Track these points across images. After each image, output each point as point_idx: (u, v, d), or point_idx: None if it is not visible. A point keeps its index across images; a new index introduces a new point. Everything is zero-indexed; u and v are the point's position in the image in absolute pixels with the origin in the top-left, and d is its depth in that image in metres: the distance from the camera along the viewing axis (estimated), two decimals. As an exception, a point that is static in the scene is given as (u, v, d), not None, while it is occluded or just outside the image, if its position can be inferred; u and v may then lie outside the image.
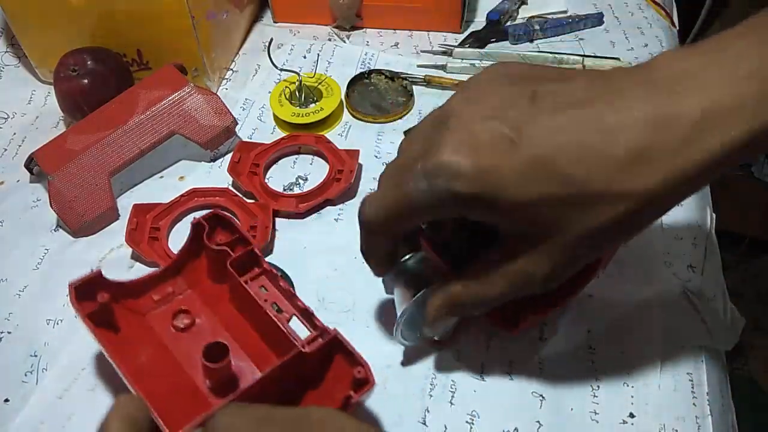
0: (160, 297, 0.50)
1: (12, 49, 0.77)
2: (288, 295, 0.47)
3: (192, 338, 0.48)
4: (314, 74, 0.70)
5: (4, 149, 0.68)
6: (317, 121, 0.66)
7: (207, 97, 0.63)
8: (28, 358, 0.52)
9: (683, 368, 0.49)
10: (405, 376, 0.49)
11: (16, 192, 0.64)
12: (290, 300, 0.47)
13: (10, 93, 0.74)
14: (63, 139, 0.62)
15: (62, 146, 0.61)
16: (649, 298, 0.53)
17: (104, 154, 0.60)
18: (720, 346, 0.52)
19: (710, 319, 0.52)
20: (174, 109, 0.62)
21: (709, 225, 0.60)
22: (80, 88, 0.64)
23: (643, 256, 0.55)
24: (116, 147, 0.61)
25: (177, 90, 0.63)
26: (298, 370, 0.43)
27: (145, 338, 0.48)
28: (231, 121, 0.64)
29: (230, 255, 0.48)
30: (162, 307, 0.49)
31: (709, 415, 0.47)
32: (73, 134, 0.62)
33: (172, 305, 0.49)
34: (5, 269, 0.57)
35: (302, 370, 0.43)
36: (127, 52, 0.70)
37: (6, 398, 0.49)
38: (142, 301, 0.49)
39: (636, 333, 0.51)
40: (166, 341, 0.48)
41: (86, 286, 0.46)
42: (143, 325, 0.48)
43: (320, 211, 0.60)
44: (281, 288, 0.48)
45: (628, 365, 0.49)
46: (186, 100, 0.63)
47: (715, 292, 0.55)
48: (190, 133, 0.62)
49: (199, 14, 0.67)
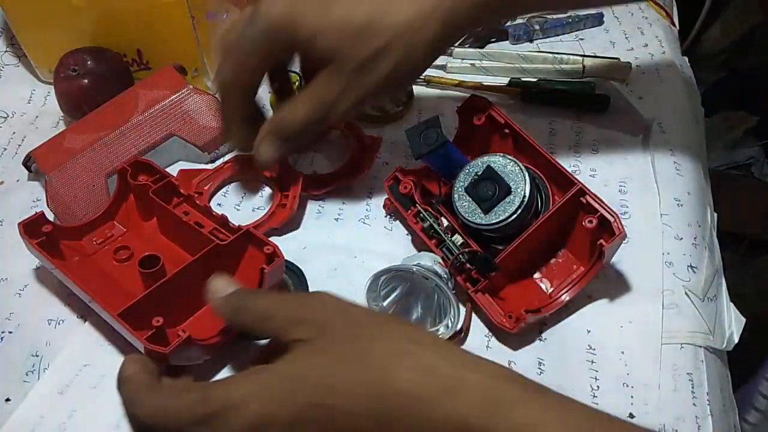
0: (102, 239, 0.57)
1: (12, 49, 0.77)
2: (207, 213, 0.55)
3: (131, 266, 0.54)
4: None
5: (4, 148, 0.68)
6: None
7: (205, 98, 0.63)
8: (30, 358, 0.52)
9: (683, 368, 0.49)
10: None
11: (16, 191, 0.64)
12: (208, 215, 0.55)
13: (10, 93, 0.74)
14: (61, 138, 0.62)
15: (60, 145, 0.61)
16: (649, 298, 0.53)
17: (102, 154, 0.60)
18: (720, 346, 0.52)
19: (710, 319, 0.52)
20: (172, 110, 0.62)
21: (709, 225, 0.60)
22: (80, 88, 0.64)
23: (643, 256, 0.55)
24: (114, 148, 0.61)
25: (176, 91, 0.63)
26: (217, 259, 0.51)
27: (93, 272, 0.54)
28: None
29: (152, 187, 0.55)
30: (105, 247, 0.57)
31: (709, 415, 0.47)
32: (71, 133, 0.62)
33: (113, 245, 0.57)
34: (5, 268, 0.57)
35: (221, 259, 0.51)
36: (127, 52, 0.70)
37: (7, 398, 0.49)
38: (86, 244, 0.56)
39: (636, 333, 0.51)
40: (110, 272, 0.55)
41: (32, 224, 0.53)
42: (90, 262, 0.55)
43: (320, 212, 0.60)
44: (199, 208, 0.55)
45: (628, 365, 0.49)
46: (184, 102, 0.63)
47: (715, 292, 0.55)
48: (189, 135, 0.62)
49: (199, 14, 0.67)
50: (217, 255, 0.51)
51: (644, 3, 0.81)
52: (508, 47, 0.76)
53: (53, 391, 0.50)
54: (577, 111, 0.67)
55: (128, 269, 0.54)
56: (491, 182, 0.51)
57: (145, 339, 0.45)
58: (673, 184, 0.60)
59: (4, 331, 0.53)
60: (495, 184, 0.51)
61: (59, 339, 0.53)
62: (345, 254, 0.57)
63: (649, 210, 0.59)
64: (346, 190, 0.62)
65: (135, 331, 0.46)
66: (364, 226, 0.59)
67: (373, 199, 0.61)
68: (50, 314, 0.54)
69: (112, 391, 0.49)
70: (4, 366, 0.51)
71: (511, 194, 0.50)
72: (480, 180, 0.51)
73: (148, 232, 0.57)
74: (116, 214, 0.58)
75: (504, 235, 0.51)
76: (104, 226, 0.57)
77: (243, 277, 0.51)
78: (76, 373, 0.51)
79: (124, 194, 0.58)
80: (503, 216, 0.50)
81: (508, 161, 0.51)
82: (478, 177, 0.51)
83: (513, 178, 0.50)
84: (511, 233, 0.51)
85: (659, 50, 0.74)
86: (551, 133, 0.66)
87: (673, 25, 0.81)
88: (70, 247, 0.55)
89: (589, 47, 0.75)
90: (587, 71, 0.70)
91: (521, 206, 0.50)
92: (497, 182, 0.51)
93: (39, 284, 0.56)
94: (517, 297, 0.52)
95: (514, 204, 0.50)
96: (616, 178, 0.61)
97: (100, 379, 0.50)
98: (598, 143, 0.64)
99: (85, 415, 0.49)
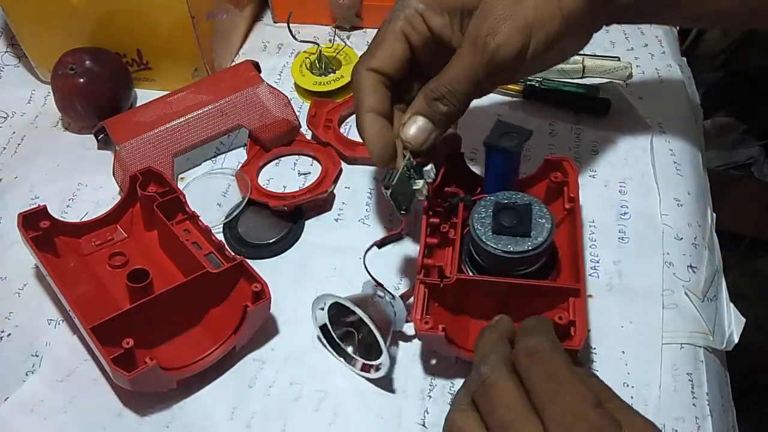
0: (101, 242, 0.57)
1: (12, 49, 0.77)
2: (207, 236, 0.54)
3: (123, 274, 0.53)
4: (332, 44, 0.73)
5: (3, 148, 0.68)
6: (338, 88, 0.69)
7: (277, 96, 0.65)
8: (29, 358, 0.52)
9: (683, 368, 0.49)
10: (404, 376, 0.49)
11: (15, 189, 0.64)
12: (207, 238, 0.54)
13: (10, 93, 0.74)
14: (133, 113, 0.63)
15: (131, 119, 0.62)
16: (649, 298, 0.53)
17: (173, 134, 0.62)
18: (720, 346, 0.52)
19: (710, 319, 0.52)
20: (245, 103, 0.64)
21: (709, 225, 0.60)
22: (76, 87, 0.65)
23: (643, 256, 0.55)
24: (185, 130, 0.62)
25: (250, 85, 0.64)
26: (205, 287, 0.50)
27: (84, 273, 0.54)
28: (296, 122, 0.65)
29: (158, 200, 0.55)
30: (102, 250, 0.56)
31: (709, 415, 0.47)
32: (143, 109, 0.63)
33: (110, 249, 0.57)
34: (4, 267, 0.57)
35: (209, 287, 0.50)
36: (127, 52, 0.70)
37: (7, 398, 0.49)
38: (84, 244, 0.56)
39: (636, 333, 0.51)
40: (101, 277, 0.54)
41: (32, 216, 0.53)
42: (83, 263, 0.55)
43: (321, 211, 0.60)
44: (201, 230, 0.55)
45: (628, 365, 0.49)
46: (257, 97, 0.64)
47: (715, 292, 0.55)
48: (256, 129, 0.63)
49: (199, 14, 0.67)
50: (206, 282, 0.50)
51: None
52: (508, 47, 0.76)
53: (53, 379, 0.50)
54: (578, 111, 0.67)
55: (119, 277, 0.53)
56: (518, 218, 0.48)
57: (111, 358, 0.44)
58: (673, 184, 0.60)
59: (4, 331, 0.53)
60: (520, 221, 0.47)
61: (59, 339, 0.53)
62: (345, 254, 0.57)
63: (649, 210, 0.59)
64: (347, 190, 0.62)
65: (103, 347, 0.45)
66: (364, 226, 0.59)
67: (373, 199, 0.61)
68: (50, 314, 0.54)
69: (113, 388, 0.49)
70: (4, 366, 0.51)
71: (528, 239, 0.47)
72: (509, 209, 0.48)
73: (148, 242, 0.57)
74: (121, 218, 0.58)
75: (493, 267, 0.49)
76: (106, 228, 0.57)
77: (228, 311, 0.50)
78: (77, 365, 0.51)
79: (131, 200, 0.58)
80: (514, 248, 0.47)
81: (546, 215, 0.48)
82: (511, 206, 0.48)
83: (539, 229, 0.47)
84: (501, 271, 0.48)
85: (659, 50, 0.74)
86: (551, 133, 0.66)
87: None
88: (67, 244, 0.55)
89: (589, 47, 0.74)
90: (587, 71, 0.70)
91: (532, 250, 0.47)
92: (523, 222, 0.47)
93: (38, 283, 0.56)
94: None
95: (525, 245, 0.47)
96: (616, 179, 0.61)
97: (100, 374, 0.50)
98: (598, 143, 0.64)
99: (86, 402, 0.49)
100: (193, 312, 0.51)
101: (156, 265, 0.54)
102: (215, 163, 0.65)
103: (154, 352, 0.48)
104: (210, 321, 0.51)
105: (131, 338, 0.45)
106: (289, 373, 0.50)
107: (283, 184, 0.62)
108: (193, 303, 0.50)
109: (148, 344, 0.48)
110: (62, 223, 0.55)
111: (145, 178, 0.57)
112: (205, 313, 0.51)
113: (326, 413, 0.48)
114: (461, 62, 0.46)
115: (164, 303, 0.49)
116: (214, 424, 0.48)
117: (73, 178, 0.64)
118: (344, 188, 0.62)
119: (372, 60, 0.48)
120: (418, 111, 0.47)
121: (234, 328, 0.49)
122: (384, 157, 0.49)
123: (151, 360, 0.44)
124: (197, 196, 0.61)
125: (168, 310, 0.49)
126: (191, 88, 0.65)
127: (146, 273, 0.52)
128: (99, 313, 0.47)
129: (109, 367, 0.44)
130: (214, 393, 0.49)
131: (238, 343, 0.50)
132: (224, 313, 0.51)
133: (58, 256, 0.54)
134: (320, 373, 0.50)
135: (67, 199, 0.63)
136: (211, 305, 0.51)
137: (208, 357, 0.49)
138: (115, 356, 0.44)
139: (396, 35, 0.48)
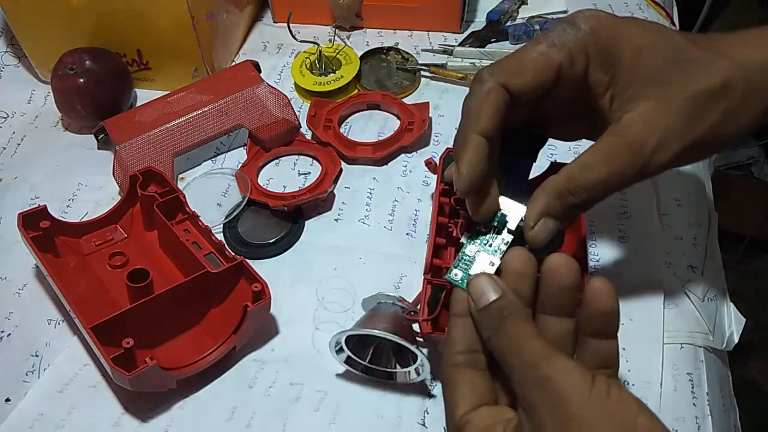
0: (101, 242, 0.57)
1: (12, 49, 0.77)
2: (207, 236, 0.54)
3: (123, 274, 0.53)
4: (332, 44, 0.73)
5: (3, 147, 0.68)
6: (338, 88, 0.69)
7: (277, 96, 0.65)
8: (29, 358, 0.52)
9: (683, 368, 0.49)
10: (405, 376, 0.49)
11: (15, 189, 0.64)
12: (207, 238, 0.54)
13: (10, 93, 0.74)
14: (133, 113, 0.63)
15: (131, 120, 0.62)
16: (649, 298, 0.53)
17: (173, 134, 0.62)
18: (720, 346, 0.52)
19: (710, 319, 0.52)
20: (244, 103, 0.64)
21: (709, 225, 0.60)
22: (75, 87, 0.65)
23: (643, 256, 0.55)
24: (185, 130, 0.62)
25: (250, 86, 0.64)
26: (205, 287, 0.50)
27: (84, 273, 0.54)
28: (296, 122, 0.65)
29: (158, 200, 0.55)
30: (102, 250, 0.57)
31: (709, 415, 0.47)
32: (143, 109, 0.63)
33: (110, 249, 0.57)
34: (4, 267, 0.57)
35: (209, 287, 0.50)
36: (127, 52, 0.70)
37: (7, 398, 0.49)
38: (84, 244, 0.56)
39: (636, 333, 0.51)
40: (101, 277, 0.54)
41: (32, 216, 0.54)
42: (83, 263, 0.55)
43: (321, 211, 0.61)
44: (201, 230, 0.55)
45: (628, 364, 0.49)
46: (257, 97, 0.64)
47: (715, 292, 0.55)
48: (256, 129, 0.63)
49: (199, 14, 0.67)
50: (206, 282, 0.50)
51: (644, 3, 0.81)
52: (508, 47, 0.76)
53: (53, 390, 0.50)
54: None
55: (120, 276, 0.53)
56: None
57: (111, 358, 0.44)
58: (673, 184, 0.60)
59: (4, 331, 0.53)
60: None
61: (59, 339, 0.53)
62: (345, 254, 0.57)
63: (649, 210, 0.59)
64: (347, 190, 0.62)
65: (103, 347, 0.45)
66: (364, 226, 0.59)
67: (373, 199, 0.61)
68: (50, 314, 0.54)
69: (112, 390, 0.49)
70: (4, 366, 0.51)
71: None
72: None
73: (148, 242, 0.57)
74: (121, 218, 0.58)
75: None
76: (106, 228, 0.57)
77: (228, 311, 0.50)
78: (76, 372, 0.51)
79: (131, 200, 0.58)
80: None
81: None
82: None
83: None
84: None
85: (659, 50, 0.74)
86: (551, 133, 0.66)
87: (673, 25, 0.81)
88: (67, 244, 0.55)
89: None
90: (587, 71, 0.70)
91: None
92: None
93: (38, 284, 0.56)
94: None
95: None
96: (616, 178, 0.61)
97: (100, 378, 0.50)
98: (598, 143, 0.64)
99: (84, 413, 0.49)
100: (193, 312, 0.51)
101: (156, 265, 0.54)
102: (215, 163, 0.65)
103: (154, 352, 0.48)
104: (210, 321, 0.51)
105: (131, 338, 0.45)
106: (289, 373, 0.50)
107: (283, 184, 0.62)
108: (193, 303, 0.50)
109: (148, 344, 0.48)
110: (62, 223, 0.56)
111: (145, 178, 0.57)
112: (205, 313, 0.51)
113: (326, 413, 0.48)
114: (612, 165, 0.39)
115: (164, 303, 0.49)
116: (214, 425, 0.48)
117: (73, 178, 0.64)
118: (344, 188, 0.62)
119: (510, 77, 0.39)
120: (551, 213, 0.40)
121: (234, 328, 0.49)
122: (474, 189, 0.40)
123: (151, 360, 0.45)
124: (197, 196, 0.61)
125: (168, 310, 0.49)
126: (191, 88, 0.65)
127: (146, 273, 0.52)
128: (99, 313, 0.47)
129: (110, 366, 0.44)
130: (214, 393, 0.49)
131: (238, 343, 0.50)
132: (224, 313, 0.51)
133: (58, 256, 0.54)
134: (320, 373, 0.50)
135: (67, 199, 0.63)
136: (211, 305, 0.51)
137: (208, 357, 0.49)
138: (115, 356, 0.45)
139: (551, 63, 0.39)
